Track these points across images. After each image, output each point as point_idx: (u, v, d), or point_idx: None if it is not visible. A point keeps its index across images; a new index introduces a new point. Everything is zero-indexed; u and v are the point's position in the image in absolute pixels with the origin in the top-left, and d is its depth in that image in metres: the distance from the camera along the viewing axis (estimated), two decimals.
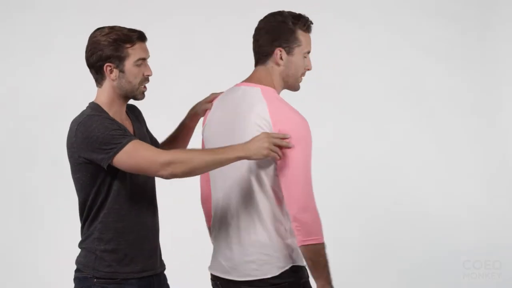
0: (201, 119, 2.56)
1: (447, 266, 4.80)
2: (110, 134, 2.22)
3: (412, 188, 4.98)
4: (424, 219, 4.95)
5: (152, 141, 2.53)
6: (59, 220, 4.64)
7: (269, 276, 2.27)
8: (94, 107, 2.34)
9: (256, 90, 2.32)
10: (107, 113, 2.32)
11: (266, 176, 2.27)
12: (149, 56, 2.37)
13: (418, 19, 5.09)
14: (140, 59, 2.32)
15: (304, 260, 2.28)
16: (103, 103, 2.35)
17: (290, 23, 2.32)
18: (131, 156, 2.20)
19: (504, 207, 5.05)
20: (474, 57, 5.14)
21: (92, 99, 2.39)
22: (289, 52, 2.33)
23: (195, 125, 2.61)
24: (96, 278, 2.31)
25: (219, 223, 2.37)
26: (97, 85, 2.38)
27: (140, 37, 2.33)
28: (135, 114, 2.51)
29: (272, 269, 2.28)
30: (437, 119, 5.08)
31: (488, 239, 4.92)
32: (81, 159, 2.27)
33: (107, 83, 2.34)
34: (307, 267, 2.30)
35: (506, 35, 5.17)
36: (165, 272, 2.51)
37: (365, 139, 4.89)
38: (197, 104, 2.58)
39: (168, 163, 2.17)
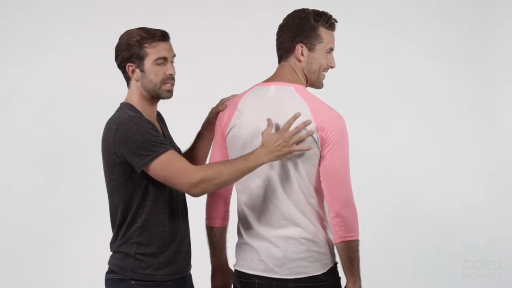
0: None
1: (447, 266, 4.80)
2: (149, 139, 2.22)
3: (412, 188, 4.98)
4: (424, 219, 4.95)
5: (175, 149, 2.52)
6: (61, 219, 4.65)
7: (319, 273, 2.30)
8: (129, 108, 2.34)
9: (289, 89, 2.32)
10: (142, 114, 2.32)
11: (309, 175, 2.28)
12: (173, 55, 2.35)
13: (418, 19, 5.09)
14: (159, 58, 2.31)
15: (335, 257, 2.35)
16: (135, 103, 2.35)
17: (312, 20, 2.33)
18: (165, 167, 2.22)
19: (504, 207, 5.05)
20: (474, 57, 5.14)
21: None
22: (310, 49, 2.33)
23: (212, 133, 2.52)
24: (135, 280, 2.32)
25: (256, 222, 2.33)
26: (127, 86, 2.39)
27: (161, 36, 2.32)
28: (161, 120, 2.52)
29: (321, 266, 2.31)
30: (437, 119, 5.09)
31: (488, 239, 4.92)
32: (119, 159, 2.27)
33: (133, 84, 2.36)
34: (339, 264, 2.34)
35: (506, 35, 5.17)
36: None
37: (365, 139, 4.89)
38: (209, 113, 2.53)
39: (199, 182, 2.19)
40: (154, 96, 2.36)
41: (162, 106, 2.56)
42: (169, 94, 2.37)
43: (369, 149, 4.89)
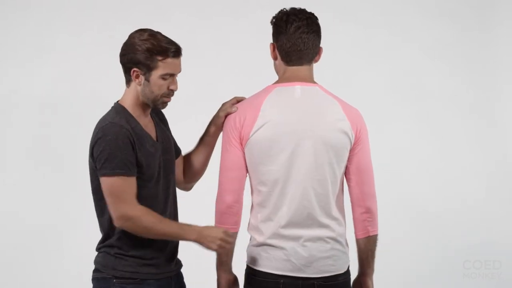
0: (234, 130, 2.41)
1: (447, 266, 4.79)
2: (115, 155, 2.23)
3: (412, 188, 4.98)
4: (423, 219, 4.95)
5: (175, 148, 2.53)
6: (62, 219, 4.65)
7: (342, 271, 2.35)
8: (119, 110, 2.34)
9: (315, 89, 2.34)
10: (131, 116, 2.32)
11: (341, 174, 2.33)
12: (179, 72, 2.35)
13: (418, 19, 5.09)
14: (168, 74, 2.31)
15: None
16: (128, 104, 2.35)
17: None
18: (110, 188, 2.24)
19: (505, 207, 5.05)
20: (474, 57, 5.14)
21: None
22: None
23: (215, 139, 2.53)
24: (116, 278, 2.32)
25: (281, 222, 2.31)
26: (126, 84, 2.38)
27: (174, 52, 2.31)
28: (159, 117, 2.51)
29: (343, 264, 2.36)
30: (437, 119, 5.09)
31: (488, 239, 4.92)
32: (94, 163, 2.31)
33: (133, 86, 2.35)
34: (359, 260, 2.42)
35: (506, 35, 5.17)
36: None
37: None
38: (214, 117, 2.50)
39: (128, 219, 2.23)
40: (149, 105, 2.36)
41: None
42: (164, 106, 2.38)
43: None
